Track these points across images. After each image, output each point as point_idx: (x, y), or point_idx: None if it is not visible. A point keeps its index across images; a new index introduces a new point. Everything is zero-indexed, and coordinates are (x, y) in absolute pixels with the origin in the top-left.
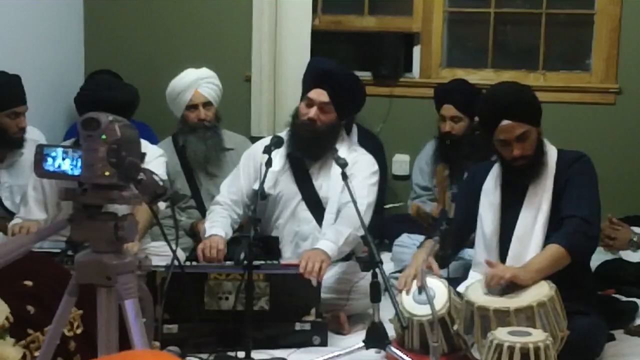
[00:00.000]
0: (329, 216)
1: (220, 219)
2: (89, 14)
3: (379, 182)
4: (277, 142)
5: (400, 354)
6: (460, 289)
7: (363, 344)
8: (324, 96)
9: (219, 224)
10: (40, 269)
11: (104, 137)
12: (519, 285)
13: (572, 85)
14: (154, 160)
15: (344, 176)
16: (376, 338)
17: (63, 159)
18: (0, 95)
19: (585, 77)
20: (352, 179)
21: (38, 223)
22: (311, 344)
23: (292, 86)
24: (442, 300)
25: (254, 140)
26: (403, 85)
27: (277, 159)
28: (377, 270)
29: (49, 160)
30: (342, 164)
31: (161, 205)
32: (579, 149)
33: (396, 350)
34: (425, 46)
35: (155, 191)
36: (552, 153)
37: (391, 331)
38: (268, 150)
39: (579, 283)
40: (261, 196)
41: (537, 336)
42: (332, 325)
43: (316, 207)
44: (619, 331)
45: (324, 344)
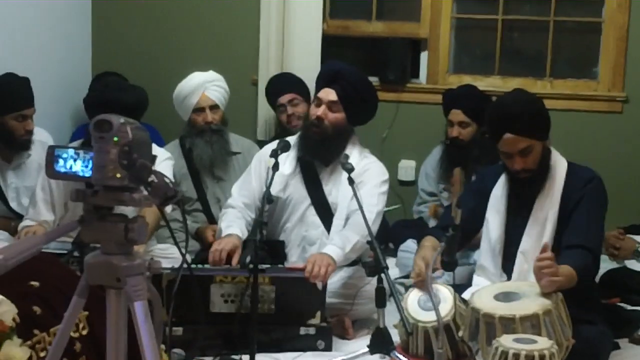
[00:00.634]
0: (337, 222)
1: (236, 220)
2: (97, 16)
3: None
4: (284, 146)
5: (404, 359)
6: (466, 295)
7: (367, 349)
8: (332, 95)
9: (235, 225)
10: (47, 269)
11: (116, 139)
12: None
13: (579, 93)
14: (161, 162)
15: (350, 181)
16: (381, 343)
17: (74, 160)
18: (8, 97)
19: (592, 85)
20: (362, 187)
21: (46, 227)
22: (315, 349)
23: None
24: (447, 306)
25: (260, 144)
26: (410, 91)
27: (288, 162)
28: (382, 275)
29: (60, 162)
30: (349, 168)
31: (167, 207)
32: (585, 157)
33: (400, 356)
34: (433, 52)
35: (166, 194)
36: (561, 166)
37: (396, 337)
38: (275, 154)
39: (584, 292)
40: (267, 200)
41: (542, 344)
42: (337, 330)
43: (325, 213)
44: (624, 340)
45: (328, 348)
